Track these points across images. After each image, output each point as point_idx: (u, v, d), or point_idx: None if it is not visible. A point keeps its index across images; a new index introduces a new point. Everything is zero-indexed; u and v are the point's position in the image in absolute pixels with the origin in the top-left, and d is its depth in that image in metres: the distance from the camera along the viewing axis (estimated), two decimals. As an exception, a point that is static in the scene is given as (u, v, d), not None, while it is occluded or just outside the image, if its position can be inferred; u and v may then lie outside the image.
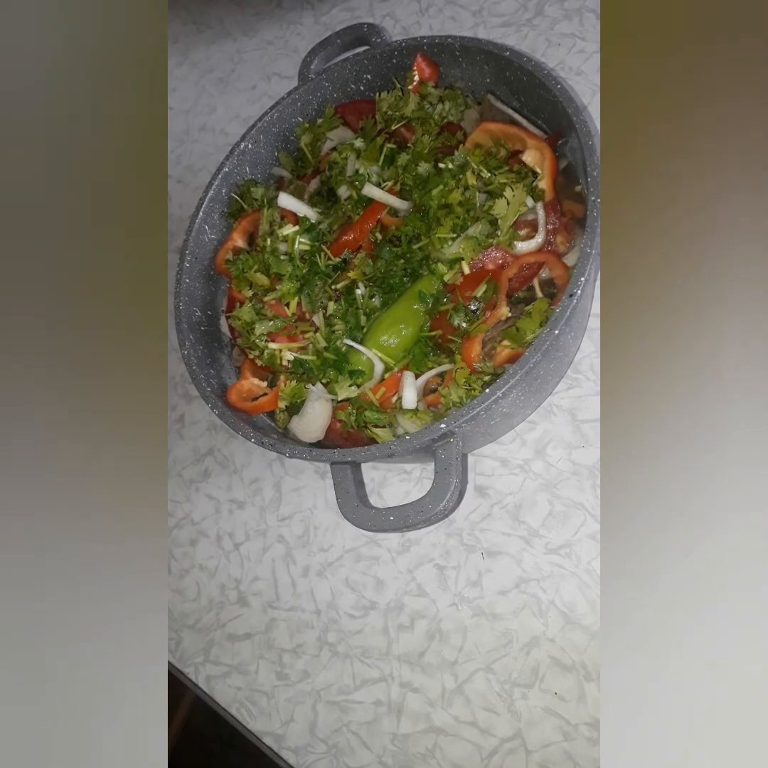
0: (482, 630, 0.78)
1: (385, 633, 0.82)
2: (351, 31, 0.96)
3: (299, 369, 0.82)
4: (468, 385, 0.72)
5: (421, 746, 0.76)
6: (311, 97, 0.98)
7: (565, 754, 0.70)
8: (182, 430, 1.08)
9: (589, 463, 0.79)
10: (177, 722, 1.73)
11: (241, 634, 0.90)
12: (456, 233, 0.78)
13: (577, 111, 0.72)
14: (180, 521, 1.01)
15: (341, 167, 0.91)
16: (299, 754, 0.82)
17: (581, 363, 0.83)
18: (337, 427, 0.79)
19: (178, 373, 1.12)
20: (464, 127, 0.89)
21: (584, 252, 0.66)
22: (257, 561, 0.93)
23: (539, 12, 1.06)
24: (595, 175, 0.68)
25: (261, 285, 0.89)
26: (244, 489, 0.98)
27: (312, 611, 0.87)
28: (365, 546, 0.87)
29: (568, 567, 0.76)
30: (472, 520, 0.82)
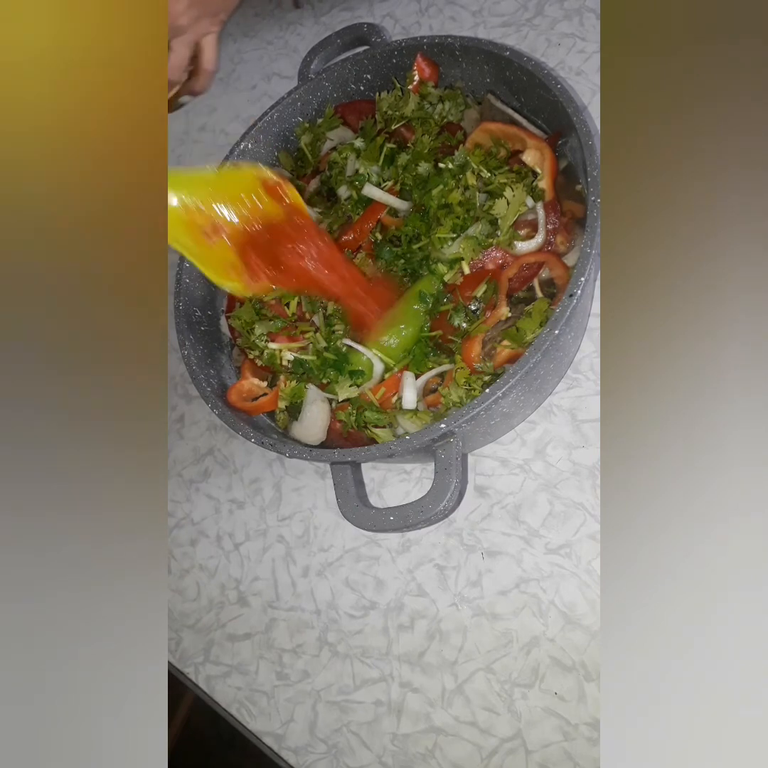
0: (482, 630, 0.78)
1: (385, 633, 0.82)
2: (351, 31, 0.96)
3: (299, 369, 0.82)
4: (468, 385, 0.72)
5: (421, 746, 0.76)
6: (311, 97, 0.98)
7: (565, 754, 0.70)
8: (182, 430, 1.08)
9: (589, 463, 0.79)
10: (177, 722, 1.72)
11: (241, 634, 0.90)
12: (456, 233, 0.78)
13: (577, 111, 0.72)
14: (180, 521, 1.01)
15: (341, 167, 0.91)
16: (299, 754, 0.82)
17: (581, 363, 0.83)
18: (337, 427, 0.79)
19: (178, 373, 1.12)
20: (464, 127, 0.89)
21: (584, 252, 0.66)
22: (257, 561, 0.93)
23: (539, 12, 1.06)
24: (595, 175, 0.68)
25: (261, 285, 0.89)
26: (244, 489, 0.98)
27: (312, 611, 0.87)
28: (365, 546, 0.87)
29: (568, 567, 0.76)
30: (472, 520, 0.82)
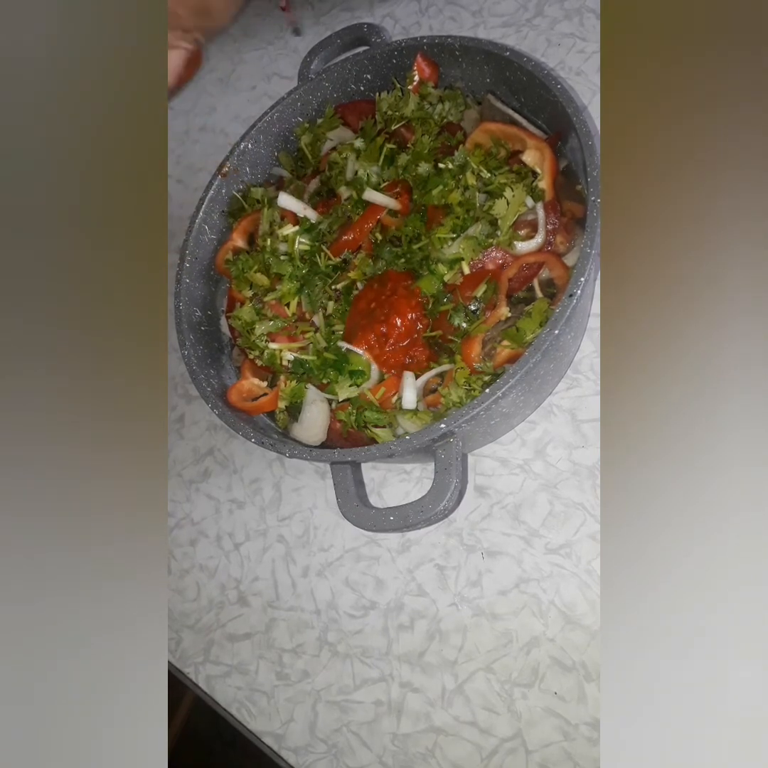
0: (482, 630, 0.78)
1: (385, 633, 0.82)
2: (351, 31, 0.96)
3: (299, 369, 0.82)
4: (468, 385, 0.72)
5: (421, 746, 0.76)
6: (311, 97, 0.98)
7: (565, 754, 0.70)
8: (182, 430, 1.08)
9: (589, 463, 0.79)
10: (177, 722, 1.72)
11: (241, 634, 0.90)
12: (456, 233, 0.78)
13: (577, 111, 0.72)
14: (180, 521, 1.01)
15: (341, 167, 0.91)
16: (299, 754, 0.82)
17: (581, 363, 0.83)
18: (337, 427, 0.79)
19: (178, 373, 1.12)
20: (464, 127, 0.89)
21: (584, 252, 0.66)
22: (257, 561, 0.93)
23: (539, 12, 1.06)
24: (595, 175, 0.68)
25: (261, 285, 0.89)
26: (244, 489, 0.98)
27: (312, 611, 0.87)
28: (365, 546, 0.87)
29: (568, 567, 0.76)
30: (472, 520, 0.82)
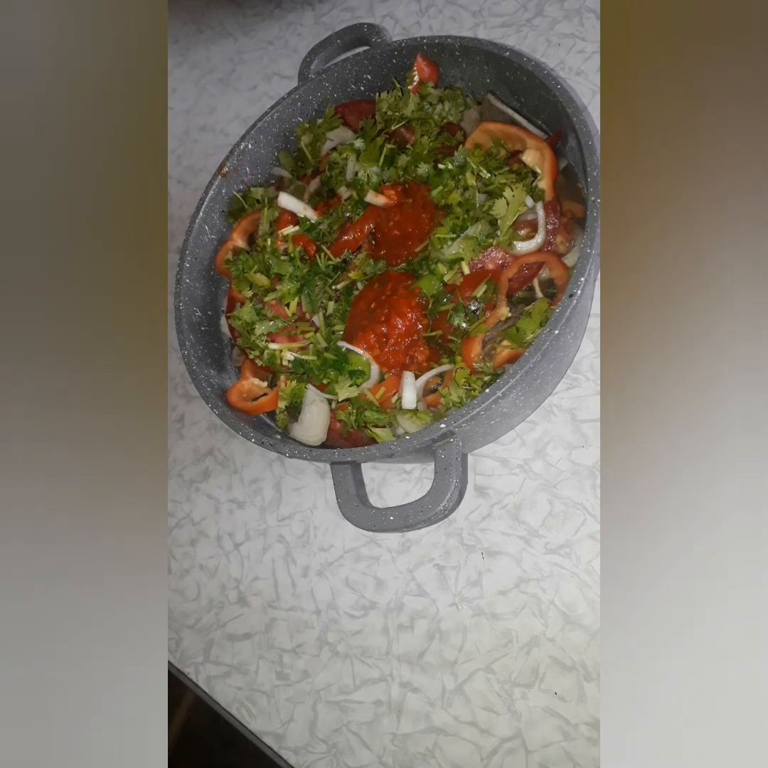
0: (482, 630, 0.78)
1: (385, 633, 0.82)
2: (351, 31, 0.96)
3: (299, 369, 0.82)
4: (468, 385, 0.72)
5: (421, 746, 0.76)
6: (311, 97, 0.98)
7: (565, 754, 0.70)
8: (182, 430, 1.08)
9: (589, 463, 0.79)
10: (177, 722, 1.72)
11: (241, 634, 0.90)
12: (456, 233, 0.78)
13: (577, 111, 0.72)
14: (180, 521, 1.01)
15: (341, 167, 0.91)
16: (299, 754, 0.82)
17: (581, 363, 0.83)
18: (337, 427, 0.79)
19: (178, 373, 1.12)
20: (464, 127, 0.89)
21: (584, 252, 0.66)
22: (257, 561, 0.93)
23: (539, 12, 1.06)
24: (595, 175, 0.68)
25: (261, 285, 0.89)
26: (244, 489, 0.98)
27: (312, 611, 0.87)
28: (365, 546, 0.87)
29: (568, 567, 0.76)
30: (472, 520, 0.82)
